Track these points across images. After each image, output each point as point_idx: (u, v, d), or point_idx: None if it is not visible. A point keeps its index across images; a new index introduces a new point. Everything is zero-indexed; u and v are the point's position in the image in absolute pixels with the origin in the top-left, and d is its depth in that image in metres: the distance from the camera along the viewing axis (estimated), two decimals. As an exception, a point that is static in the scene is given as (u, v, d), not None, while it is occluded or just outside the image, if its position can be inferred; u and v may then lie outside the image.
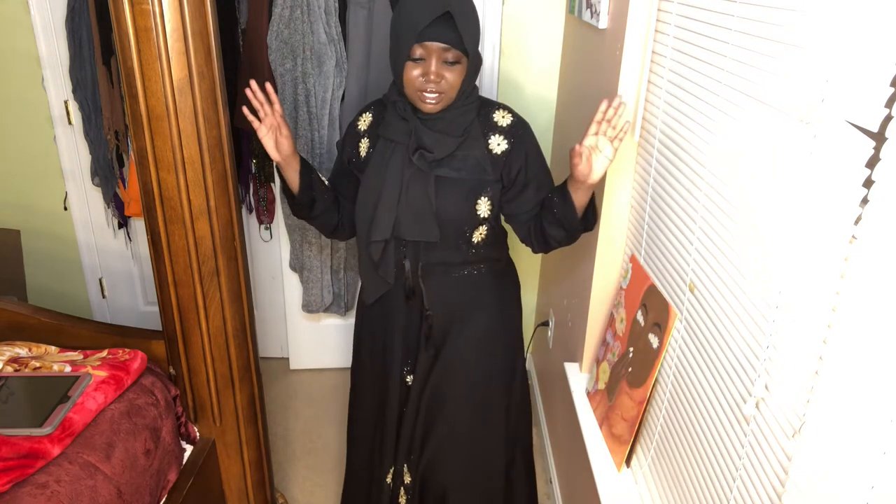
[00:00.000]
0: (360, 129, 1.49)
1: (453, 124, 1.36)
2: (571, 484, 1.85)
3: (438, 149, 1.35)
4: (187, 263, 1.44)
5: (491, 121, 1.41)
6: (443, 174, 1.37)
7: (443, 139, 1.36)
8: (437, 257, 1.46)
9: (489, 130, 1.40)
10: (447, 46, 1.25)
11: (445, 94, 1.30)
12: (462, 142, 1.37)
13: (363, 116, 1.50)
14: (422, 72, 1.28)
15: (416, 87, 1.29)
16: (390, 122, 1.39)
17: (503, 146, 1.39)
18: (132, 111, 1.32)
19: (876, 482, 0.65)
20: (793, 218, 0.82)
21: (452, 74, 1.28)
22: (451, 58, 1.27)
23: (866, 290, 0.67)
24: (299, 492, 2.17)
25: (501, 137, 1.39)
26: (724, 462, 1.00)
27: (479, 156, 1.38)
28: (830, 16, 0.75)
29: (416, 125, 1.35)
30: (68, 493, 1.22)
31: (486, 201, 1.40)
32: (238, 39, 2.20)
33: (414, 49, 1.26)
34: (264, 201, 2.52)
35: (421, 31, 1.23)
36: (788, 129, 0.84)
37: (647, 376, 1.30)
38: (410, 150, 1.36)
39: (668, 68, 1.30)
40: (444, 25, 1.23)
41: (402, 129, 1.37)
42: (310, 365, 2.78)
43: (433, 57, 1.26)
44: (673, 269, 1.26)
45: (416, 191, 1.38)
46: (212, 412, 1.62)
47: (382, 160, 1.40)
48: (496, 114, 1.42)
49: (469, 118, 1.37)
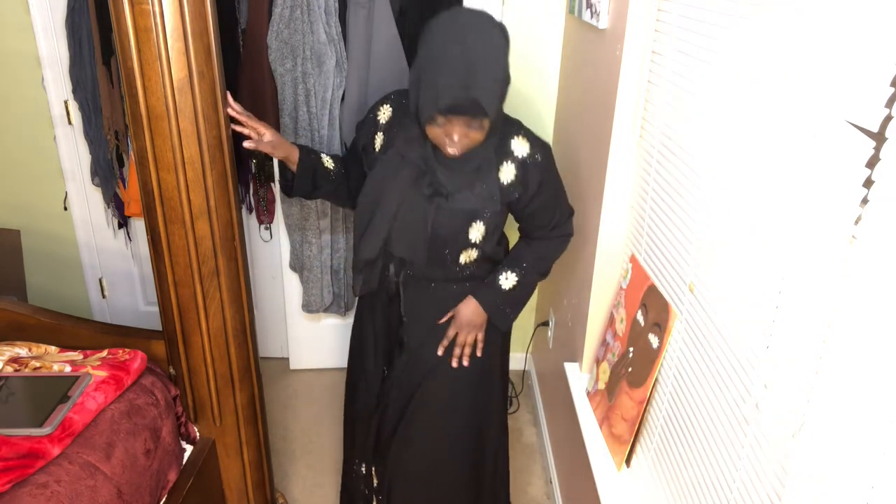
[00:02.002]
0: (378, 121, 1.47)
1: (469, 161, 1.34)
2: (571, 484, 1.85)
3: (451, 184, 1.36)
4: (187, 263, 1.44)
5: (507, 148, 1.39)
6: (450, 205, 1.38)
7: (457, 176, 1.36)
8: (420, 270, 1.49)
9: (503, 157, 1.38)
10: (471, 118, 1.23)
11: (468, 147, 1.29)
12: (475, 177, 1.36)
13: (383, 108, 1.47)
14: (445, 132, 1.26)
15: (440, 141, 1.29)
16: (408, 138, 1.37)
17: (511, 175, 1.39)
18: (132, 111, 1.32)
19: (876, 482, 0.65)
20: (793, 218, 0.82)
21: (477, 134, 1.28)
22: (476, 122, 1.25)
23: (866, 290, 0.67)
24: (299, 492, 2.17)
25: (513, 166, 1.38)
26: (724, 462, 1.00)
27: (488, 186, 1.38)
28: (830, 16, 0.75)
29: (432, 161, 1.34)
30: (68, 493, 1.22)
31: (481, 226, 1.40)
32: (238, 39, 2.20)
33: (437, 118, 1.25)
34: (264, 201, 2.52)
35: (444, 108, 1.21)
36: (788, 128, 0.84)
37: (647, 376, 1.30)
38: (424, 183, 1.35)
39: (668, 68, 1.30)
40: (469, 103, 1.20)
41: (418, 153, 1.35)
42: (310, 365, 2.78)
43: (456, 125, 1.25)
44: (673, 269, 1.26)
45: (414, 212, 1.38)
46: (212, 412, 1.62)
47: (389, 170, 1.38)
48: (514, 141, 1.39)
49: (485, 152, 1.35)
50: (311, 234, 2.33)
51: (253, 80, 2.13)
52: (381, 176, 1.40)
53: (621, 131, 1.49)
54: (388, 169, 1.39)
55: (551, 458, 2.18)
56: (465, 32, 1.20)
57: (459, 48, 1.19)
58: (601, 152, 1.57)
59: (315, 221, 2.30)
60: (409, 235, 1.40)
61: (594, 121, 1.68)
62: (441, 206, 1.37)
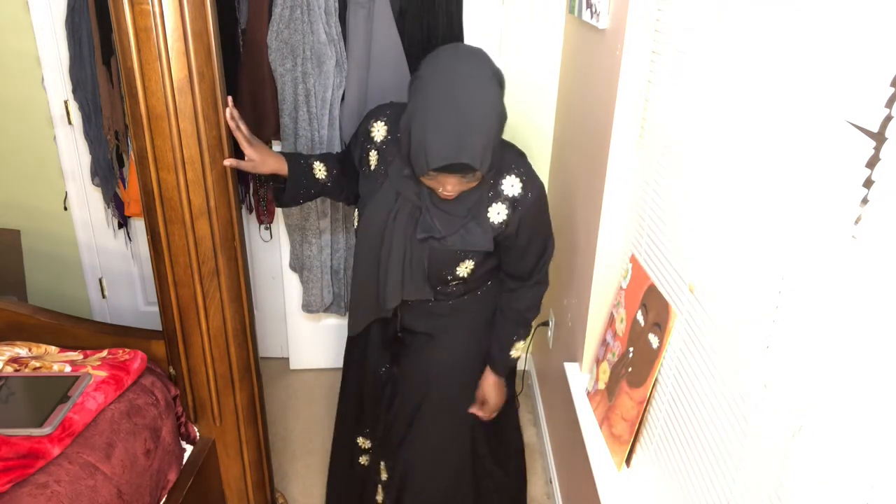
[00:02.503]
0: (373, 138, 1.45)
1: (462, 202, 1.35)
2: (571, 484, 1.85)
3: (445, 229, 1.36)
4: (187, 263, 1.44)
5: (498, 188, 1.37)
6: (442, 247, 1.38)
7: (450, 219, 1.36)
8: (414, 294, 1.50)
9: (494, 198, 1.37)
10: (463, 175, 1.24)
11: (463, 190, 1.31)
12: (468, 220, 1.37)
13: (377, 125, 1.45)
14: (438, 183, 1.27)
15: (432, 186, 1.30)
16: (401, 175, 1.36)
17: (502, 216, 1.38)
18: (132, 111, 1.32)
19: (876, 482, 0.65)
20: (793, 218, 0.82)
21: (471, 182, 1.28)
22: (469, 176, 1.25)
23: (866, 290, 0.67)
24: (299, 492, 2.17)
25: (503, 206, 1.37)
26: (724, 462, 1.00)
27: (482, 229, 1.38)
28: (830, 16, 0.75)
29: (426, 202, 1.35)
30: (68, 493, 1.22)
31: (470, 263, 1.42)
32: (238, 39, 2.20)
33: (430, 175, 1.24)
34: (264, 201, 2.52)
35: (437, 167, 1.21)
36: (788, 128, 0.84)
37: (647, 376, 1.30)
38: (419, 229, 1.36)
39: (668, 68, 1.30)
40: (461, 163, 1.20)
41: (413, 189, 1.35)
42: (310, 365, 2.78)
43: (449, 179, 1.25)
44: (673, 269, 1.26)
45: (415, 256, 1.39)
46: (212, 412, 1.62)
47: (387, 207, 1.38)
48: (506, 180, 1.37)
49: (479, 193, 1.35)
50: (311, 234, 2.33)
51: (253, 80, 2.13)
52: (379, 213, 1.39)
53: (621, 131, 1.49)
54: (385, 204, 1.39)
55: (551, 458, 2.18)
56: (458, 89, 1.18)
57: (452, 109, 1.17)
58: (601, 152, 1.57)
59: (315, 221, 2.30)
60: (416, 280, 1.42)
61: (594, 121, 1.68)
62: (434, 247, 1.39)
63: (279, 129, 2.17)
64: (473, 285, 1.52)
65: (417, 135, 1.21)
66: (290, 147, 2.16)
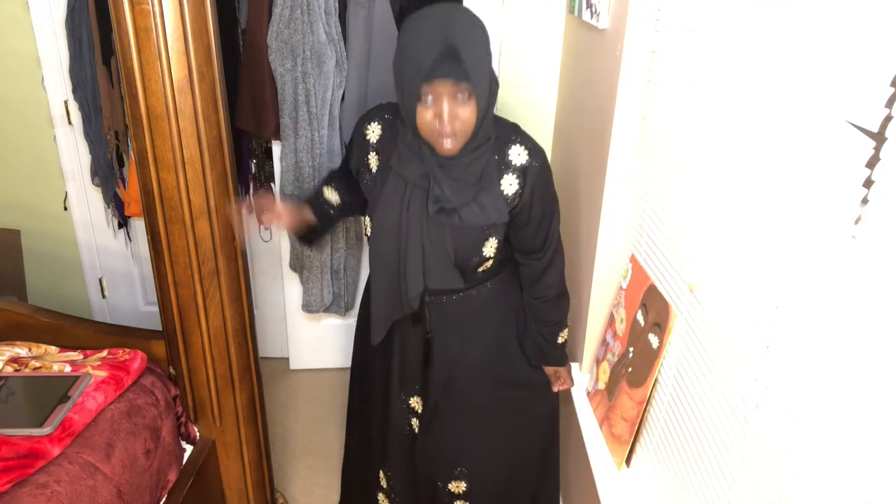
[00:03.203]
0: (369, 140, 1.42)
1: (470, 169, 1.32)
2: (571, 484, 1.85)
3: (456, 198, 1.32)
4: (187, 263, 1.44)
5: (506, 158, 1.36)
6: (459, 224, 1.35)
7: (460, 188, 1.32)
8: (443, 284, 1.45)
9: (504, 169, 1.36)
10: (455, 80, 1.19)
11: (462, 132, 1.25)
12: (479, 190, 1.34)
13: (371, 126, 1.42)
14: (434, 113, 1.22)
15: (432, 130, 1.25)
16: (405, 160, 1.33)
17: (514, 187, 1.36)
18: (132, 111, 1.32)
19: (876, 482, 0.65)
20: (793, 218, 0.82)
21: (466, 111, 1.23)
22: (463, 93, 1.21)
23: (866, 290, 0.67)
24: (299, 492, 2.17)
25: (514, 177, 1.36)
26: (724, 462, 1.00)
27: (494, 202, 1.35)
28: (830, 16, 0.75)
29: (433, 171, 1.30)
30: (68, 493, 1.22)
31: (494, 241, 1.39)
32: (238, 39, 2.20)
33: (423, 90, 1.21)
34: (264, 201, 2.52)
35: (427, 71, 1.18)
36: (788, 128, 0.84)
37: (647, 376, 1.30)
38: (430, 201, 1.32)
39: (668, 68, 1.30)
40: (450, 61, 1.18)
41: (418, 170, 1.32)
42: (310, 365, 2.78)
43: (444, 97, 1.21)
44: (673, 269, 1.26)
45: (436, 240, 1.35)
46: (212, 412, 1.62)
47: (398, 200, 1.35)
48: (512, 150, 1.36)
49: (485, 160, 1.33)
50: (311, 234, 2.33)
51: (253, 80, 2.13)
52: (391, 206, 1.36)
53: (621, 131, 1.49)
54: (395, 195, 1.35)
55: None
56: (441, 9, 1.21)
57: (437, 19, 1.19)
58: (601, 152, 1.57)
59: (315, 221, 2.30)
60: (438, 264, 1.37)
61: (594, 121, 1.68)
62: (455, 227, 1.35)
63: (279, 129, 2.17)
64: (496, 270, 1.48)
65: (406, 52, 1.22)
66: (291, 147, 2.16)
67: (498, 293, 1.52)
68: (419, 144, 1.30)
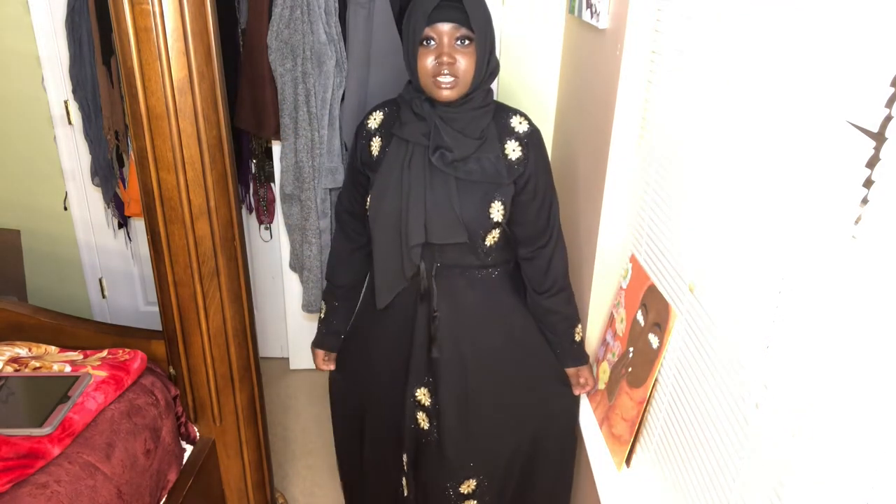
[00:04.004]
0: (370, 128, 1.47)
1: (471, 125, 1.36)
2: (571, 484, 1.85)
3: (458, 148, 1.35)
4: (187, 263, 1.44)
5: (508, 126, 1.41)
6: (461, 176, 1.37)
7: (462, 139, 1.35)
8: (452, 259, 1.45)
9: (505, 135, 1.40)
10: (456, 26, 1.28)
11: (460, 80, 1.31)
12: (481, 144, 1.37)
13: (373, 115, 1.48)
14: (435, 55, 1.29)
15: (430, 74, 1.31)
16: (406, 122, 1.38)
17: (517, 153, 1.40)
18: (132, 111, 1.32)
19: (876, 482, 0.65)
20: (793, 218, 0.82)
21: (465, 57, 1.30)
22: (462, 38, 1.29)
23: (866, 289, 0.67)
24: (299, 492, 2.17)
25: (517, 144, 1.40)
26: (724, 462, 1.00)
27: (496, 160, 1.39)
28: (830, 16, 0.75)
29: (435, 123, 1.35)
30: (68, 493, 1.22)
31: (500, 205, 1.40)
32: (238, 39, 2.20)
33: (425, 33, 1.29)
34: (264, 201, 2.52)
35: (430, 14, 1.27)
36: (788, 128, 0.84)
37: (647, 376, 1.30)
38: (430, 150, 1.35)
39: (668, 68, 1.30)
40: (453, 8, 1.28)
41: (420, 129, 1.36)
42: (310, 365, 2.76)
43: (444, 38, 1.29)
44: (673, 269, 1.26)
45: (439, 193, 1.37)
46: (212, 412, 1.62)
47: (399, 160, 1.38)
48: (513, 119, 1.42)
49: (486, 121, 1.38)
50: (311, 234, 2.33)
51: (253, 80, 2.12)
52: (392, 166, 1.39)
53: (621, 131, 1.49)
54: (396, 158, 1.39)
55: (551, 458, 2.18)
56: None
57: None
58: (601, 152, 1.57)
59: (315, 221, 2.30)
60: (442, 216, 1.38)
61: (594, 121, 1.68)
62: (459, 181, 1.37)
63: (279, 129, 2.17)
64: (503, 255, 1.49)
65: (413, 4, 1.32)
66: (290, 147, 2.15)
67: (505, 281, 1.52)
68: (421, 102, 1.35)
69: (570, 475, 1.70)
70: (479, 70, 1.33)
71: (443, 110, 1.35)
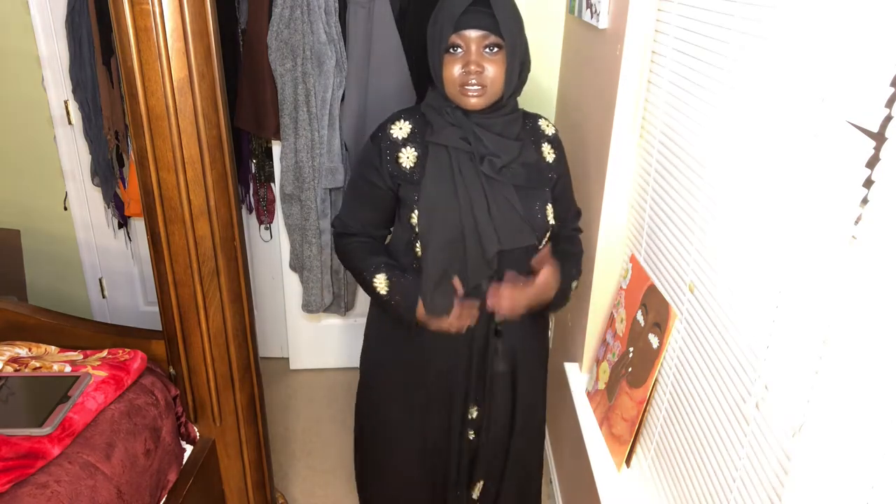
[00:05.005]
0: (395, 138, 1.35)
1: (508, 128, 1.32)
2: (571, 484, 1.85)
3: (503, 152, 1.30)
4: (187, 263, 1.44)
5: (539, 129, 1.41)
6: (513, 182, 1.31)
7: (504, 143, 1.31)
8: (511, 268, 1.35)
9: (539, 139, 1.40)
10: (485, 33, 1.21)
11: (488, 88, 1.25)
12: (522, 147, 1.34)
13: (397, 124, 1.36)
14: (462, 63, 1.23)
15: (458, 82, 1.25)
16: (440, 128, 1.31)
17: (553, 155, 1.40)
18: (132, 111, 1.32)
19: (876, 482, 0.65)
20: (793, 218, 0.82)
21: (494, 65, 1.24)
22: (491, 46, 1.23)
23: (866, 290, 0.67)
24: (299, 492, 2.17)
25: (550, 147, 1.41)
26: (724, 462, 1.00)
27: (538, 164, 1.37)
28: (831, 16, 0.75)
29: (473, 131, 1.29)
30: (68, 493, 1.22)
31: (551, 207, 1.38)
32: (238, 39, 2.20)
33: (452, 40, 1.23)
34: (264, 201, 2.52)
35: (458, 20, 1.20)
36: (788, 129, 0.84)
37: (647, 376, 1.30)
38: (477, 157, 1.29)
39: (668, 68, 1.30)
40: (481, 13, 1.21)
41: (457, 133, 1.29)
42: (310, 365, 2.78)
43: (472, 46, 1.23)
44: (673, 269, 1.26)
45: (500, 199, 1.31)
46: (212, 412, 1.62)
47: (447, 170, 1.30)
48: (540, 122, 1.43)
49: (518, 125, 1.36)
50: (311, 234, 2.33)
51: (253, 80, 2.13)
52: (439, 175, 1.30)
53: (621, 131, 1.49)
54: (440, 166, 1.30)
55: (551, 458, 2.18)
56: None
57: None
58: (601, 152, 1.57)
59: (315, 221, 2.30)
60: (510, 224, 1.31)
61: (594, 121, 1.68)
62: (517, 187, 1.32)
63: (279, 129, 2.17)
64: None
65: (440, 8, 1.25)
66: (290, 147, 2.15)
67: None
68: (452, 110, 1.30)
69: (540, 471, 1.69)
70: (509, 79, 1.27)
71: (477, 117, 1.29)
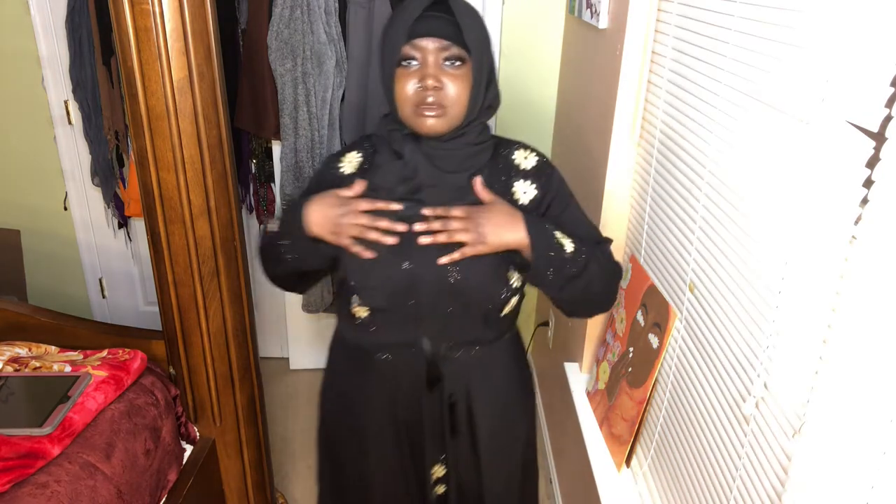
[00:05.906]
0: (342, 174, 1.14)
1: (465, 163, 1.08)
2: (571, 484, 1.85)
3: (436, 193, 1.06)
4: (187, 263, 1.44)
5: (511, 163, 1.13)
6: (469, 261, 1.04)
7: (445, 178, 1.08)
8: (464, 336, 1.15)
9: (512, 175, 1.12)
10: (446, 43, 0.99)
11: (448, 109, 1.02)
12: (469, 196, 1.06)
13: (347, 156, 1.16)
14: (417, 78, 1.00)
15: (412, 101, 1.01)
16: (380, 165, 1.11)
17: (531, 193, 1.12)
18: (132, 111, 1.32)
19: (876, 482, 0.65)
20: (793, 218, 0.82)
21: (455, 82, 1.01)
22: (452, 59, 1.00)
23: (866, 290, 0.67)
24: (299, 492, 2.17)
25: (528, 183, 1.12)
26: (724, 462, 1.00)
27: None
28: (830, 16, 0.75)
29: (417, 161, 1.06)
30: (68, 493, 1.22)
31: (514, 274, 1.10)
32: (238, 39, 2.20)
33: (405, 50, 1.00)
34: (264, 201, 2.52)
35: (412, 26, 0.99)
36: (788, 128, 0.84)
37: (647, 376, 1.30)
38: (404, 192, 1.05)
39: (668, 68, 1.30)
40: (440, 19, 1.00)
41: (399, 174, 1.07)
42: (310, 365, 2.78)
43: (429, 58, 1.00)
44: (673, 269, 1.26)
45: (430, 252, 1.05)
46: (212, 412, 1.62)
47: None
48: (516, 154, 1.14)
49: (482, 160, 1.10)
50: (311, 234, 2.33)
51: (253, 80, 2.13)
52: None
53: (621, 131, 1.49)
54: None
55: (551, 458, 2.18)
56: None
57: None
58: (601, 152, 1.57)
59: (315, 221, 2.30)
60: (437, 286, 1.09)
61: (594, 121, 1.68)
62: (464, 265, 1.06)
63: (279, 129, 2.17)
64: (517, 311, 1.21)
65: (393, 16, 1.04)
66: (290, 147, 2.16)
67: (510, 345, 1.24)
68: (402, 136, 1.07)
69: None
70: (474, 99, 1.03)
71: (430, 145, 1.06)
